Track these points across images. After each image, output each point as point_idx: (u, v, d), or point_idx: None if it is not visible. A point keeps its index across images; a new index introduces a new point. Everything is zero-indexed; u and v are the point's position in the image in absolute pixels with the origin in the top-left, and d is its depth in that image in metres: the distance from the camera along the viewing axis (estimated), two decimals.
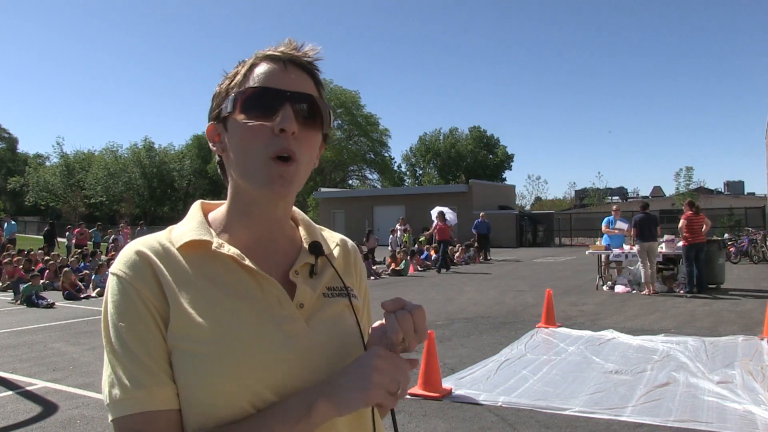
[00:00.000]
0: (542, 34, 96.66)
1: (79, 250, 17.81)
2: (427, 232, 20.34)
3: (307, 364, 0.85)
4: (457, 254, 20.02)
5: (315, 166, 0.93)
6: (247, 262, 0.87)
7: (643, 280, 11.21)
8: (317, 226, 1.04)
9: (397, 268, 16.36)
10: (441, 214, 18.72)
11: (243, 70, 0.89)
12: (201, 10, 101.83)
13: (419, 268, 17.58)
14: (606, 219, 12.85)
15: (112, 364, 0.81)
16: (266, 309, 0.86)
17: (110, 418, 0.80)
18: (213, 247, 0.87)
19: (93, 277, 13.18)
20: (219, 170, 0.96)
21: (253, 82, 0.87)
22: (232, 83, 0.89)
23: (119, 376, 0.80)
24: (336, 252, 1.01)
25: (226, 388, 0.79)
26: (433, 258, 18.01)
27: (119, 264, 0.85)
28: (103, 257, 16.56)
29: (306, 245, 0.97)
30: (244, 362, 0.80)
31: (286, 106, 0.85)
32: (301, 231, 1.00)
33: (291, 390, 0.82)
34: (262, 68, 0.88)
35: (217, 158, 0.95)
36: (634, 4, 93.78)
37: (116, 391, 0.79)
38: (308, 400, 0.78)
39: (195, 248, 0.87)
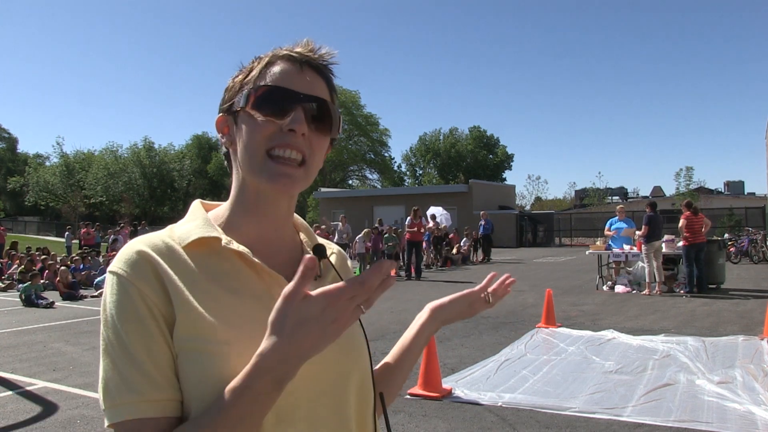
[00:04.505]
0: (542, 35, 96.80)
1: (80, 251, 17.81)
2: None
3: (314, 365, 0.81)
4: (454, 251, 20.01)
5: (320, 167, 0.93)
6: (256, 259, 0.86)
7: (647, 280, 11.19)
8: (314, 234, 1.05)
9: None
10: (432, 216, 18.75)
11: (259, 67, 0.89)
12: (200, 11, 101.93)
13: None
14: (609, 221, 12.65)
15: (107, 366, 0.78)
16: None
17: (106, 424, 0.78)
18: (222, 244, 0.85)
19: (93, 273, 13.20)
20: (225, 162, 0.96)
21: (268, 80, 0.87)
22: (247, 78, 0.89)
23: (115, 379, 0.77)
24: (333, 259, 1.01)
25: None
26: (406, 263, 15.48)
27: (119, 262, 0.82)
28: (101, 258, 16.52)
29: (309, 248, 0.97)
30: None
31: (297, 108, 0.85)
32: (302, 236, 1.01)
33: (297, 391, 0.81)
34: (278, 67, 0.88)
35: (224, 150, 0.94)
36: (635, 5, 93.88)
37: (111, 396, 0.77)
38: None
39: (201, 246, 0.86)
